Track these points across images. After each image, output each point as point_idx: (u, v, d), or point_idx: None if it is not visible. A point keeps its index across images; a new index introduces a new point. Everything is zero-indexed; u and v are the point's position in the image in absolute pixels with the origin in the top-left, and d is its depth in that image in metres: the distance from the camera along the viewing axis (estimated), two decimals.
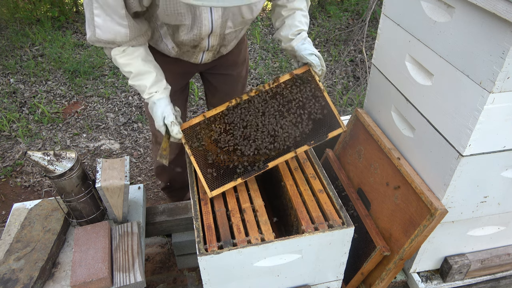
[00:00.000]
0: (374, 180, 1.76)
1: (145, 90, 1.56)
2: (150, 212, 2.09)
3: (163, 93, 1.58)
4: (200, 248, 1.32)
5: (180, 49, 1.74)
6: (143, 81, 1.55)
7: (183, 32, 1.58)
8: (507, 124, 1.26)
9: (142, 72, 1.55)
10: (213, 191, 1.50)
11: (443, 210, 1.41)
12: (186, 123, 1.58)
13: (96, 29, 1.43)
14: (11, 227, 1.71)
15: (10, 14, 5.36)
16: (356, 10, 5.57)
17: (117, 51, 1.52)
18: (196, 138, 1.56)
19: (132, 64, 1.54)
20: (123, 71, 1.58)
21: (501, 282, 1.81)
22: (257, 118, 1.57)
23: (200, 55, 1.80)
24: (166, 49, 1.75)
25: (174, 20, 1.50)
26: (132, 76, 1.55)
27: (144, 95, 1.57)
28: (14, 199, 2.97)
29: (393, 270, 1.59)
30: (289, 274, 1.48)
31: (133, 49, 1.53)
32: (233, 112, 1.58)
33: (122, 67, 1.56)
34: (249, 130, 1.56)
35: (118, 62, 1.54)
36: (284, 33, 1.70)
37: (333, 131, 1.58)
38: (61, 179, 1.56)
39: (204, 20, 1.52)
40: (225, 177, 1.53)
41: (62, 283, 1.52)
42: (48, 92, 4.11)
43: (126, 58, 1.53)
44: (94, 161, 3.29)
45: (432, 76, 1.42)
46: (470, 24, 1.20)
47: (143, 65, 1.55)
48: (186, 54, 1.80)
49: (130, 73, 1.55)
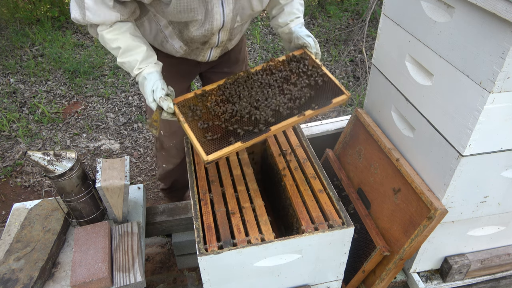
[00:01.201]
0: (374, 180, 1.76)
1: (135, 65, 1.48)
2: (150, 212, 2.09)
3: (153, 67, 1.50)
4: (200, 248, 1.32)
5: (189, 47, 1.72)
6: (134, 56, 1.47)
7: (194, 27, 1.55)
8: (507, 124, 1.26)
9: (131, 47, 1.47)
10: (209, 155, 1.36)
11: (443, 210, 1.41)
12: (180, 97, 1.51)
13: (86, 11, 1.38)
14: (11, 227, 1.71)
15: (10, 14, 5.36)
16: (356, 10, 5.57)
17: (103, 27, 1.45)
18: (190, 110, 1.49)
19: (120, 39, 1.46)
20: (111, 47, 1.49)
21: (501, 282, 1.81)
22: (255, 89, 1.55)
23: (208, 52, 1.78)
24: (173, 50, 1.73)
25: (186, 16, 1.47)
26: (121, 52, 1.47)
27: (134, 70, 1.49)
28: (14, 199, 2.97)
29: (393, 270, 1.59)
30: (289, 274, 1.48)
31: (121, 24, 1.47)
32: (231, 86, 1.55)
33: (109, 42, 1.47)
34: (247, 98, 1.52)
35: (105, 37, 1.46)
36: (283, 19, 1.74)
37: (337, 97, 1.55)
38: (61, 179, 1.56)
39: (216, 14, 1.49)
40: (223, 141, 1.42)
41: (62, 283, 1.52)
42: (48, 92, 4.11)
43: (114, 33, 1.46)
44: (94, 161, 3.29)
45: (432, 76, 1.42)
46: (470, 24, 1.20)
47: (132, 39, 1.48)
48: (194, 52, 1.77)
49: (119, 49, 1.47)
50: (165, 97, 1.43)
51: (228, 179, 1.62)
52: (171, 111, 1.45)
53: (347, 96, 1.56)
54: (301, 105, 1.52)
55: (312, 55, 1.65)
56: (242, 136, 1.42)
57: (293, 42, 1.73)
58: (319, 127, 2.27)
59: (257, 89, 1.55)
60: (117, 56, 1.50)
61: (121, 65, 1.52)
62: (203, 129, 1.44)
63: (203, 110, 1.49)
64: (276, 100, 1.50)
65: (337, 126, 2.26)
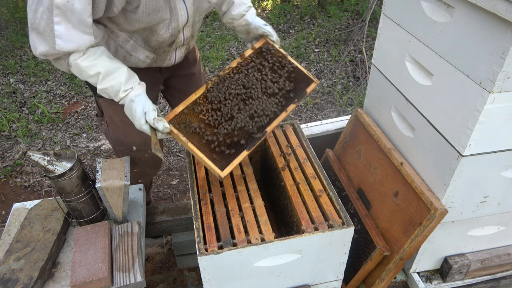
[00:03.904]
0: (374, 180, 1.76)
1: (120, 88, 1.39)
2: (150, 212, 2.09)
3: (139, 88, 1.44)
4: (200, 248, 1.32)
5: (156, 53, 1.70)
6: (116, 79, 1.39)
7: (163, 29, 1.53)
8: (507, 124, 1.26)
9: (112, 70, 1.39)
10: (224, 170, 1.44)
11: (443, 210, 1.41)
12: (171, 113, 1.48)
13: (56, 40, 1.27)
14: (11, 227, 1.71)
15: (10, 14, 5.36)
16: (356, 10, 5.57)
17: (76, 55, 1.35)
18: (186, 126, 1.48)
19: (99, 64, 1.38)
20: (89, 75, 1.39)
21: (501, 282, 1.81)
22: (239, 90, 1.58)
23: (173, 54, 1.78)
24: (138, 61, 1.70)
25: (154, 18, 1.45)
26: (102, 77, 1.39)
27: (120, 94, 1.41)
28: (14, 199, 2.97)
29: (393, 270, 1.59)
30: (289, 274, 1.48)
31: (94, 49, 1.39)
32: (214, 90, 1.56)
33: (87, 70, 1.38)
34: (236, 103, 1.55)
35: (81, 66, 1.37)
36: (236, 11, 1.76)
37: (309, 86, 1.67)
38: (61, 179, 1.56)
39: (180, 10, 1.50)
40: (230, 152, 1.49)
41: (62, 283, 1.52)
42: (48, 92, 4.11)
43: (90, 59, 1.37)
44: (94, 161, 3.29)
45: (432, 76, 1.42)
46: (470, 24, 1.20)
47: (111, 62, 1.40)
48: (160, 58, 1.75)
49: (99, 75, 1.39)
50: (158, 117, 1.38)
51: (228, 179, 1.62)
52: (167, 131, 1.40)
53: (316, 84, 1.68)
54: (283, 100, 1.62)
55: (275, 44, 1.70)
56: (246, 145, 1.51)
57: (251, 33, 1.75)
58: (319, 127, 2.27)
59: (241, 93, 1.57)
60: (98, 83, 1.41)
61: (103, 91, 1.43)
62: (206, 143, 1.47)
63: (199, 123, 1.49)
64: (267, 104, 1.58)
65: (337, 126, 2.26)
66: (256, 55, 1.68)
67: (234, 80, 1.59)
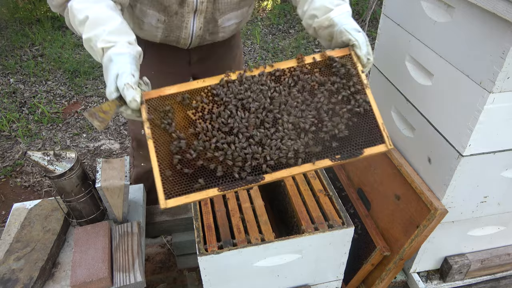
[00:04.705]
0: (374, 180, 1.76)
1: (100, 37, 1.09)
2: (150, 212, 2.09)
3: (127, 47, 1.10)
4: (200, 248, 1.32)
5: (167, 14, 1.50)
6: (102, 27, 1.10)
7: None
8: (507, 124, 1.26)
9: (102, 18, 1.12)
10: (169, 199, 1.04)
11: (443, 210, 1.41)
12: (154, 92, 1.12)
13: None
14: (11, 227, 1.71)
15: (10, 14, 5.36)
16: (356, 10, 5.57)
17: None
18: (163, 114, 1.10)
19: (91, 8, 1.13)
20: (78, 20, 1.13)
21: (501, 282, 1.81)
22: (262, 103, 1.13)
23: (190, 22, 1.54)
24: (153, 29, 1.58)
25: None
26: (88, 23, 1.11)
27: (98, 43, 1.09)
28: (14, 199, 2.97)
29: (393, 270, 1.59)
30: (289, 274, 1.48)
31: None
32: (228, 89, 1.15)
33: (77, 14, 1.14)
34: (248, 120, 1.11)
35: (74, 8, 1.14)
36: (320, 2, 1.28)
37: (372, 146, 1.14)
38: (61, 179, 1.56)
39: None
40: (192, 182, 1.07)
41: (62, 283, 1.52)
42: (48, 92, 4.11)
43: (84, 2, 1.14)
44: (94, 161, 3.29)
45: (432, 76, 1.42)
46: (470, 24, 1.20)
47: (106, 10, 1.14)
48: (175, 24, 1.56)
49: (86, 20, 1.12)
50: (133, 85, 1.04)
51: None
52: (135, 106, 1.04)
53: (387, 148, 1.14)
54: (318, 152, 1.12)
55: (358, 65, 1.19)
56: (220, 182, 1.07)
57: (334, 39, 1.27)
58: None
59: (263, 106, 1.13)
60: (83, 32, 1.12)
61: (87, 43, 1.13)
62: (175, 152, 1.08)
63: (182, 122, 1.11)
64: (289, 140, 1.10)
65: None
66: (320, 67, 1.20)
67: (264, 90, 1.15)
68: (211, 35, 1.72)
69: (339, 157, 1.12)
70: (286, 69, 1.20)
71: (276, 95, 1.15)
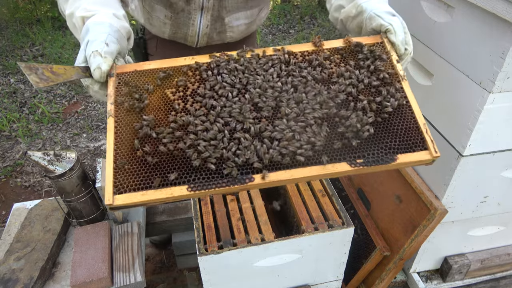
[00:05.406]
0: (374, 180, 1.76)
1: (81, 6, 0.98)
2: (150, 212, 2.09)
3: (109, 18, 0.97)
4: (200, 248, 1.32)
5: (174, 10, 1.51)
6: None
7: None
8: (507, 124, 1.26)
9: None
10: (119, 195, 0.83)
11: (443, 210, 1.41)
12: (130, 66, 0.98)
13: None
14: (11, 227, 1.71)
15: (10, 14, 5.36)
16: None
17: None
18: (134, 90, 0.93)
19: None
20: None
21: (501, 282, 1.81)
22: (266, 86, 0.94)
23: (197, 20, 1.51)
24: (161, 24, 1.59)
25: None
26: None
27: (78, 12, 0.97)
28: (14, 199, 2.97)
29: (393, 270, 1.59)
30: (289, 274, 1.48)
31: None
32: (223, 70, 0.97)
33: None
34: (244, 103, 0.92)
35: None
36: None
37: (409, 152, 0.90)
38: (61, 179, 1.56)
39: None
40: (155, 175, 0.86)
41: (62, 283, 1.52)
42: (48, 92, 4.11)
43: None
44: (94, 161, 3.29)
45: (432, 76, 1.42)
46: (470, 24, 1.20)
47: None
48: (182, 21, 1.56)
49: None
50: (103, 53, 0.90)
51: None
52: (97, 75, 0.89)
53: (432, 157, 0.91)
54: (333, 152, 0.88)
55: (393, 53, 0.98)
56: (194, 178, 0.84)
57: (364, 28, 1.11)
58: None
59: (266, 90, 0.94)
60: (66, 9, 1.02)
61: (70, 22, 1.02)
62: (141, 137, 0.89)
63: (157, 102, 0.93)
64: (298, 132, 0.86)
65: None
66: (343, 53, 1.01)
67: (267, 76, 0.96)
68: (219, 34, 1.70)
69: (362, 161, 0.86)
70: (299, 53, 1.04)
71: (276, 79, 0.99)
